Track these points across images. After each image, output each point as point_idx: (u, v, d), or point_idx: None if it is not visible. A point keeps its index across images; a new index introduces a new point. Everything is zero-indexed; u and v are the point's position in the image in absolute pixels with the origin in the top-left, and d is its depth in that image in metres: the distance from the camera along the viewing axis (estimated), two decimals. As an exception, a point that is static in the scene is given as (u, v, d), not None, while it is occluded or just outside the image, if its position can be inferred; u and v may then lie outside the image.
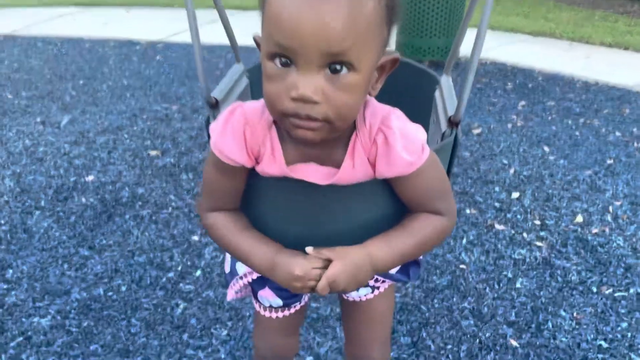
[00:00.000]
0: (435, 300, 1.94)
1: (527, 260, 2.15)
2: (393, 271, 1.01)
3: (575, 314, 1.88)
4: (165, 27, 5.77)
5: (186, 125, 3.36)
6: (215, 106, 1.08)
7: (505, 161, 2.93)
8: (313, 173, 0.83)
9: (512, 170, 2.83)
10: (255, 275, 1.03)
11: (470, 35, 1.03)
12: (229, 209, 0.91)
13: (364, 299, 1.08)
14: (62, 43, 5.29)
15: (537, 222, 2.39)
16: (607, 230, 2.34)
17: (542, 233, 2.32)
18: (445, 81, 1.23)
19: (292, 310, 1.12)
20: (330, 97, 0.70)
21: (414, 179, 0.82)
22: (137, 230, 2.31)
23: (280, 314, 1.10)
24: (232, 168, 0.84)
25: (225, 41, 1.31)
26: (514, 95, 3.86)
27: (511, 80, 4.15)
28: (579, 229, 2.34)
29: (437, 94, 1.23)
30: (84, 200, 2.54)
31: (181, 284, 2.00)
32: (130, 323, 1.82)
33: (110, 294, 1.96)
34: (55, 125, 3.38)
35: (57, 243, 2.23)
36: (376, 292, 1.08)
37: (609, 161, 2.93)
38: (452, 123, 1.01)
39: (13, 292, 1.96)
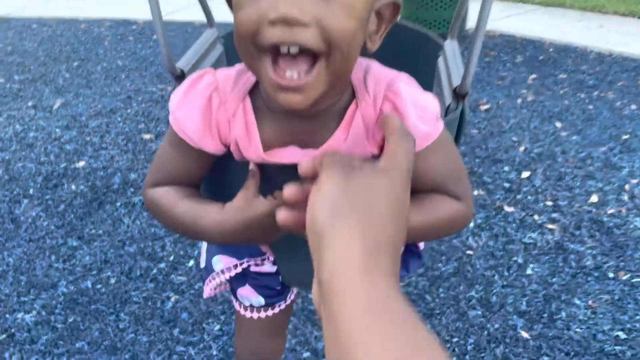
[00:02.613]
0: (441, 289, 1.83)
1: (539, 244, 2.03)
2: None
3: (590, 302, 1.76)
4: (163, 5, 5.53)
5: (182, 106, 3.24)
6: (181, 78, 0.95)
7: (515, 138, 2.78)
8: (294, 158, 0.66)
9: (522, 148, 2.69)
10: (233, 272, 0.92)
11: (476, 4, 0.89)
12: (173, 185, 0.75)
13: None
14: (58, 24, 5.15)
15: (549, 203, 2.26)
16: (623, 210, 2.20)
17: (554, 215, 2.19)
18: (450, 46, 1.07)
19: (276, 310, 1.00)
20: (322, 16, 0.55)
21: (428, 155, 0.67)
22: (128, 219, 2.21)
23: (262, 314, 0.99)
24: (189, 147, 0.71)
25: (221, 19, 1.15)
26: (524, 69, 3.69)
27: (521, 53, 3.97)
28: (594, 210, 2.21)
29: (440, 60, 1.07)
30: (74, 187, 2.44)
31: (173, 276, 1.91)
32: (118, 318, 1.73)
33: (98, 286, 1.87)
34: (47, 109, 3.27)
35: (44, 233, 2.14)
36: None
37: (625, 136, 2.77)
38: (458, 95, 0.87)
39: (-3, 287, 1.87)
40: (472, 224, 2.14)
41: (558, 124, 2.93)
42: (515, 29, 4.46)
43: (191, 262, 1.97)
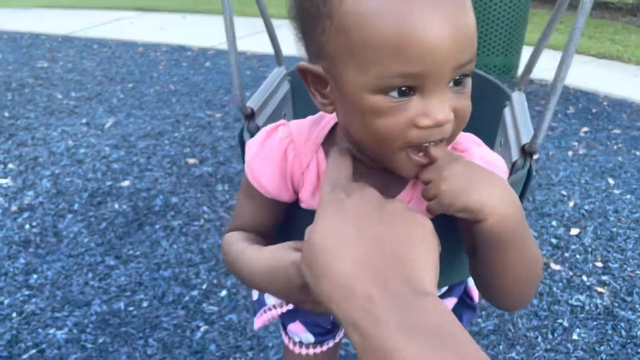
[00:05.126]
0: (479, 347, 1.74)
1: (587, 308, 1.92)
2: None
3: (642, 377, 1.64)
4: (218, 34, 5.78)
5: (228, 134, 3.28)
6: (250, 117, 0.95)
7: (564, 192, 2.68)
8: None
9: (571, 203, 2.58)
10: (285, 309, 0.93)
11: (527, 54, 0.89)
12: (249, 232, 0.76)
13: None
14: (117, 46, 5.38)
15: (599, 264, 2.15)
16: (680, 279, 2.07)
17: (604, 277, 2.08)
18: (518, 98, 1.05)
19: (324, 348, 1.00)
20: (457, 110, 0.58)
21: None
22: (165, 242, 2.23)
23: (310, 351, 0.99)
24: (262, 197, 0.73)
25: (273, 51, 1.19)
26: (576, 121, 3.59)
27: (573, 104, 3.87)
28: (648, 276, 2.09)
29: (506, 111, 1.05)
30: (116, 206, 2.48)
31: (204, 304, 1.89)
32: (147, 343, 1.72)
33: (130, 308, 1.87)
34: (99, 127, 3.38)
35: (84, 250, 2.17)
36: None
37: (684, 200, 2.63)
38: (526, 153, 0.85)
39: (34, 300, 1.89)
40: (515, 279, 2.04)
41: (611, 181, 2.81)
42: (569, 80, 4.34)
43: (224, 292, 1.95)
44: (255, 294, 1.00)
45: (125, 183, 2.68)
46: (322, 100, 0.63)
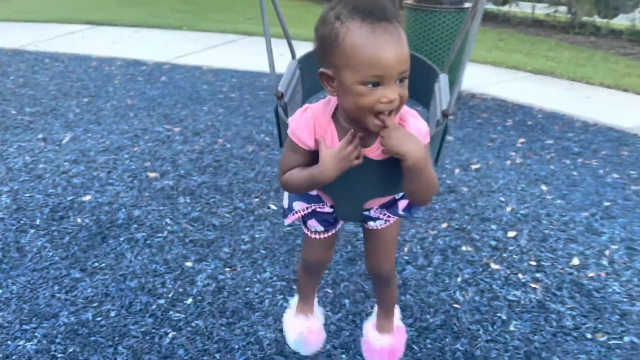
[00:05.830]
0: (428, 340, 1.91)
1: (522, 302, 2.13)
2: (400, 210, 1.43)
3: (568, 361, 1.86)
4: (172, 48, 5.84)
5: (187, 148, 3.37)
6: (281, 97, 1.43)
7: (502, 199, 2.93)
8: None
9: (509, 209, 2.82)
10: (306, 211, 1.46)
11: (470, 69, 1.24)
12: None
13: (379, 227, 1.50)
14: (70, 60, 5.34)
15: (533, 263, 2.38)
16: (602, 275, 2.32)
17: (537, 274, 2.31)
18: (443, 78, 1.59)
19: (329, 234, 1.55)
20: (400, 95, 1.12)
21: None
22: (130, 254, 2.30)
23: (321, 236, 1.54)
24: (302, 149, 1.25)
25: (229, 66, 1.39)
26: (514, 132, 3.89)
27: (511, 117, 4.18)
28: (575, 272, 2.33)
29: (436, 86, 1.59)
30: (79, 220, 2.53)
31: (171, 312, 1.98)
32: (116, 351, 1.80)
33: (98, 318, 1.93)
34: (57, 142, 3.40)
35: (49, 264, 2.21)
36: (387, 223, 1.49)
37: (607, 203, 2.93)
38: (444, 115, 1.36)
39: (0, 313, 1.93)
40: (459, 279, 2.24)
41: (544, 187, 3.08)
42: (507, 94, 4.70)
43: (189, 300, 2.05)
44: (286, 203, 1.48)
45: (87, 197, 2.73)
46: (331, 89, 1.17)
